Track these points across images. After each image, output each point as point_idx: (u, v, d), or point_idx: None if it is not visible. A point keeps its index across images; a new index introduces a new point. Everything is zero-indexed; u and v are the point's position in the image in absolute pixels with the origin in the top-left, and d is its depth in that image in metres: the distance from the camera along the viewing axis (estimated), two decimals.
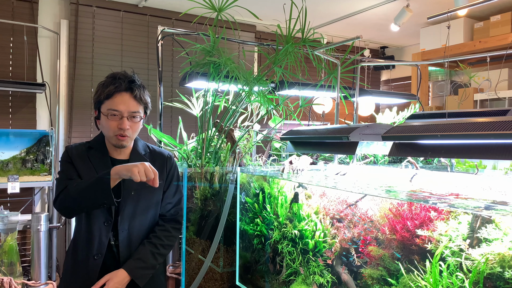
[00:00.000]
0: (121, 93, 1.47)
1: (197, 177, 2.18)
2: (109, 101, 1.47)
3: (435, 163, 2.60)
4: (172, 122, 4.11)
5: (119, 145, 1.52)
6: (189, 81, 2.51)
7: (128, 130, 1.48)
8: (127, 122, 1.47)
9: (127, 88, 1.48)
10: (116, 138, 1.49)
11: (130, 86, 1.48)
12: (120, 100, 1.46)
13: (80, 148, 1.57)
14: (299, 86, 2.75)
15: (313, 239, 1.52)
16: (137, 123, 1.52)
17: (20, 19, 3.53)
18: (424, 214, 1.11)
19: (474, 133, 1.14)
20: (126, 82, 1.48)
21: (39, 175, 3.46)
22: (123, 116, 1.47)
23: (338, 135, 1.61)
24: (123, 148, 1.57)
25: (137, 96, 1.49)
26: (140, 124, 1.55)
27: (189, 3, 2.01)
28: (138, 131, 1.56)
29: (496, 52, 2.64)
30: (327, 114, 3.54)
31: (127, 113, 1.48)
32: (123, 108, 1.47)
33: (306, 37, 2.13)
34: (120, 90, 1.47)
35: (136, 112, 1.50)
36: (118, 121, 1.47)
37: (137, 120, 1.51)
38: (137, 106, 1.50)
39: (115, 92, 1.46)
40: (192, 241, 2.22)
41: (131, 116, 1.49)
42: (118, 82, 1.47)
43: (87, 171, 1.50)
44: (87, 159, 1.53)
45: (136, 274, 1.49)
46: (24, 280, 3.01)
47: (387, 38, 5.09)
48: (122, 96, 1.47)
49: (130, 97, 1.48)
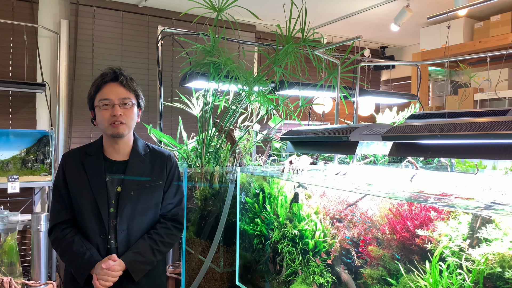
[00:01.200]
0: (109, 83, 1.54)
1: (197, 177, 2.18)
2: (99, 93, 1.54)
3: (435, 163, 2.60)
4: (172, 122, 4.11)
5: (116, 134, 1.54)
6: (189, 81, 2.51)
7: (121, 116, 1.52)
8: (119, 109, 1.52)
9: (113, 78, 1.55)
10: (111, 127, 1.52)
11: (116, 76, 1.55)
12: (109, 89, 1.53)
13: (76, 156, 1.59)
14: (299, 86, 2.75)
15: (313, 239, 1.52)
16: (130, 109, 1.55)
17: (20, 19, 3.53)
18: (424, 214, 1.11)
19: (474, 133, 1.14)
20: (112, 72, 1.56)
21: (39, 175, 3.46)
22: (114, 104, 1.52)
23: (338, 135, 1.61)
24: (122, 141, 1.57)
25: (123, 82, 1.55)
26: (133, 112, 1.57)
27: (189, 3, 2.01)
28: (134, 119, 1.58)
29: (496, 52, 2.64)
30: (327, 114, 3.54)
31: (118, 100, 1.53)
32: (113, 96, 1.52)
33: (306, 37, 2.13)
34: (107, 80, 1.54)
35: (126, 98, 1.54)
36: (111, 110, 1.52)
37: (128, 106, 1.55)
38: (127, 92, 1.55)
39: (102, 83, 1.54)
40: (192, 241, 2.22)
41: (123, 103, 1.54)
42: (105, 75, 1.56)
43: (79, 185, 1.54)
44: (81, 168, 1.56)
45: (133, 267, 1.49)
46: (24, 280, 3.01)
47: (387, 38, 5.09)
48: (110, 85, 1.54)
49: (118, 85, 1.54)
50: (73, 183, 1.55)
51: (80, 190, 1.53)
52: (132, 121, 1.57)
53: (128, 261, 1.49)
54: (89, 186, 1.52)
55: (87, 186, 1.52)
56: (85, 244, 1.50)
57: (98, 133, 3.75)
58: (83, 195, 1.53)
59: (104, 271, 1.43)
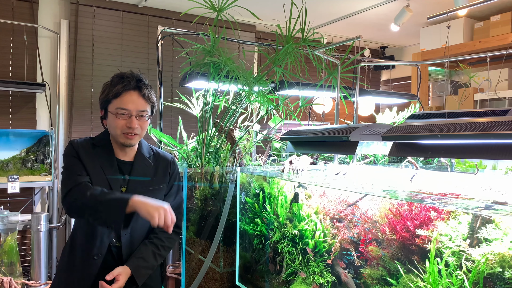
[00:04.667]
0: (130, 92, 1.47)
1: (197, 177, 2.18)
2: (117, 100, 1.47)
3: (435, 163, 2.60)
4: (172, 122, 4.11)
5: (127, 144, 1.52)
6: (189, 81, 2.51)
7: (137, 129, 1.49)
8: (136, 121, 1.48)
9: (135, 87, 1.48)
10: (124, 137, 1.49)
11: (138, 85, 1.49)
12: (129, 99, 1.47)
13: (85, 144, 1.55)
14: (299, 86, 2.75)
15: (313, 239, 1.52)
16: (145, 122, 1.52)
17: (20, 19, 3.53)
18: (424, 214, 1.11)
19: (474, 133, 1.14)
20: (134, 81, 1.48)
21: (39, 175, 3.46)
22: (131, 115, 1.47)
23: (338, 135, 1.61)
24: (130, 147, 1.56)
25: (145, 95, 1.49)
26: (148, 123, 1.55)
27: (189, 3, 2.01)
28: (146, 130, 1.56)
29: (496, 52, 2.64)
30: (327, 114, 3.54)
31: (136, 112, 1.48)
32: (132, 107, 1.47)
33: (306, 37, 2.13)
34: (128, 88, 1.47)
35: (144, 111, 1.50)
36: (127, 120, 1.47)
37: (145, 119, 1.51)
38: (145, 105, 1.50)
39: (123, 91, 1.46)
40: (192, 241, 2.22)
41: (140, 115, 1.49)
42: (127, 81, 1.47)
43: (95, 169, 1.49)
44: (93, 156, 1.51)
45: (138, 272, 1.50)
46: (24, 280, 3.01)
47: (387, 38, 5.09)
48: (131, 95, 1.47)
49: (138, 96, 1.48)
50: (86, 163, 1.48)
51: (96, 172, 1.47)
52: (144, 131, 1.55)
53: (133, 267, 1.48)
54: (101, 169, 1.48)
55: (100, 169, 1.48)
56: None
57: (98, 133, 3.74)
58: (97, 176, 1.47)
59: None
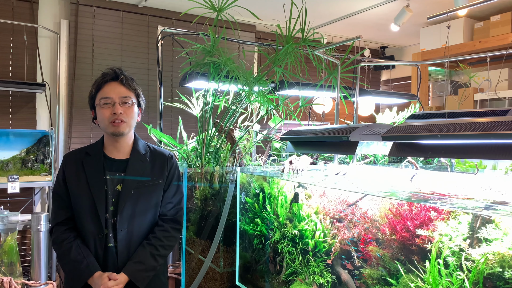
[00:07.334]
0: (110, 82, 1.57)
1: (197, 177, 2.18)
2: (100, 92, 1.56)
3: (435, 163, 2.60)
4: (172, 122, 4.11)
5: (117, 132, 1.55)
6: (189, 81, 2.51)
7: (122, 115, 1.54)
8: (120, 107, 1.54)
9: (113, 77, 1.57)
10: (112, 126, 1.54)
11: (117, 75, 1.58)
12: (109, 88, 1.56)
13: (77, 156, 1.61)
14: (299, 86, 2.75)
15: (313, 239, 1.52)
16: (130, 108, 1.57)
17: (20, 19, 3.53)
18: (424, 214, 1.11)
19: (474, 133, 1.14)
20: (113, 72, 1.58)
21: (39, 175, 3.45)
22: (115, 102, 1.54)
23: (338, 135, 1.61)
24: (122, 138, 1.58)
25: (124, 81, 1.57)
26: (133, 110, 1.58)
27: (189, 3, 2.01)
28: (134, 118, 1.59)
29: (496, 52, 2.64)
30: (327, 114, 3.54)
31: (118, 98, 1.55)
32: (114, 94, 1.55)
33: (306, 37, 2.13)
34: (107, 79, 1.57)
35: (126, 97, 1.56)
36: (112, 108, 1.54)
37: (129, 104, 1.57)
38: (127, 91, 1.57)
39: (103, 82, 1.57)
40: (192, 241, 2.22)
41: (123, 102, 1.56)
42: (105, 74, 1.59)
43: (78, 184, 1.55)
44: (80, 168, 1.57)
45: (136, 277, 1.50)
46: (24, 280, 3.01)
47: (387, 38, 5.09)
48: (111, 84, 1.57)
49: (118, 84, 1.57)
50: (72, 182, 1.56)
51: (79, 189, 1.54)
52: (133, 120, 1.59)
53: (130, 273, 1.49)
54: (87, 185, 1.53)
55: (85, 185, 1.53)
56: (83, 251, 1.50)
57: (98, 133, 3.75)
58: (82, 194, 1.53)
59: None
